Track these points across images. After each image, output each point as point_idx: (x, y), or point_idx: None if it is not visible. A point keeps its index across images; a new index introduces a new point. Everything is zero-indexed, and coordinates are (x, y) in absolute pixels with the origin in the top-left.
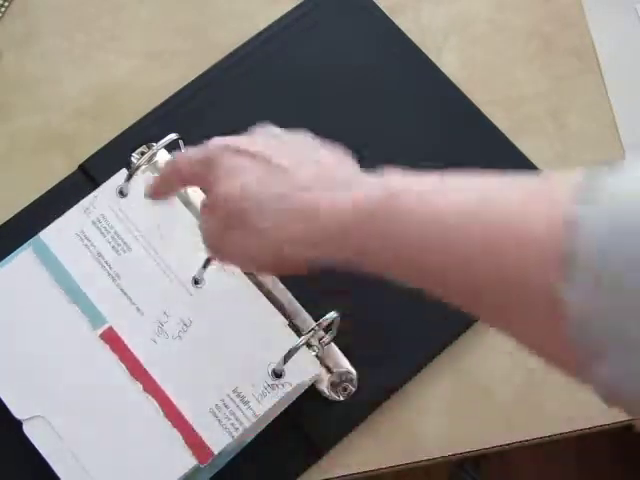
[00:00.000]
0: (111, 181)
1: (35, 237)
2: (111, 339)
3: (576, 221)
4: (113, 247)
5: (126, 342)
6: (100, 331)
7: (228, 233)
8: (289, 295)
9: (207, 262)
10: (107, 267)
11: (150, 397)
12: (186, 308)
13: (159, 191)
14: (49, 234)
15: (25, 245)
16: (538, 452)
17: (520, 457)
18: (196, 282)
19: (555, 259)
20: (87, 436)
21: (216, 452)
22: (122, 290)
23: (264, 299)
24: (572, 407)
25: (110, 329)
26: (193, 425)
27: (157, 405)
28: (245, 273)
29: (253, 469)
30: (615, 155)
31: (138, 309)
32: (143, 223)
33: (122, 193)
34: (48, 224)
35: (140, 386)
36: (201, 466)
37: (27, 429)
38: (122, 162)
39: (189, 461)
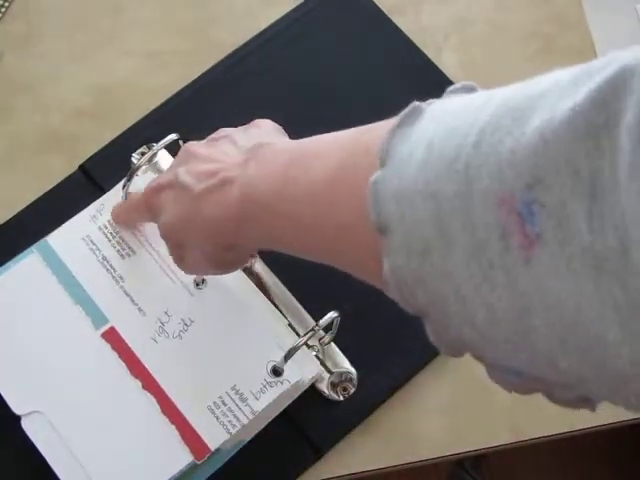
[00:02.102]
0: (118, 187)
1: (42, 240)
2: (112, 338)
3: (375, 190)
4: (118, 251)
5: (127, 341)
6: (102, 331)
7: (180, 255)
8: (289, 295)
9: None
10: (112, 270)
11: (149, 394)
12: (187, 308)
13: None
14: (56, 238)
15: (32, 248)
16: (538, 452)
17: (520, 457)
18: (197, 283)
19: (371, 232)
20: (85, 432)
21: (213, 449)
22: (125, 291)
23: (264, 299)
24: None
25: (112, 329)
26: (190, 422)
27: (155, 402)
28: (245, 273)
29: (253, 469)
30: None
31: (140, 309)
32: (148, 227)
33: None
34: (48, 224)
35: (139, 384)
36: (197, 462)
37: (25, 424)
38: (122, 162)
39: (185, 457)
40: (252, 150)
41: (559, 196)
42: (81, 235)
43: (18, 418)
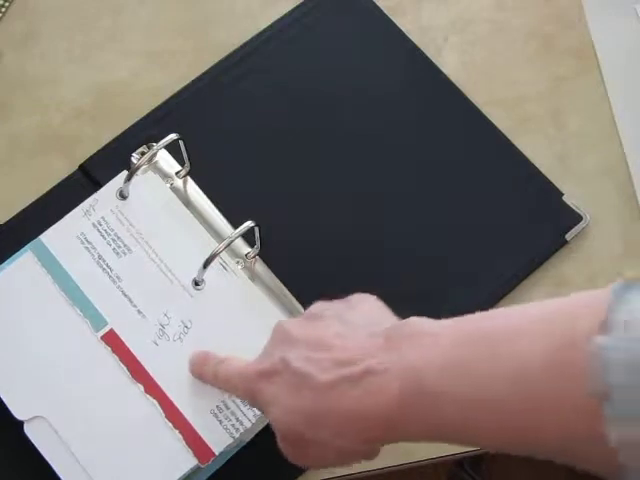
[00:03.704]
0: (112, 183)
1: (36, 240)
2: (112, 341)
3: (600, 355)
4: (114, 249)
5: (127, 344)
6: (101, 333)
7: (300, 451)
8: (289, 295)
9: (207, 262)
10: (108, 269)
11: (151, 398)
12: (187, 310)
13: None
14: (50, 237)
15: (26, 248)
16: None
17: (520, 457)
18: (196, 284)
19: (593, 401)
20: (88, 437)
21: (217, 453)
22: (123, 292)
23: (265, 299)
24: None
25: (111, 331)
26: (194, 426)
27: (158, 406)
28: (245, 273)
29: (252, 469)
30: (615, 155)
31: (139, 311)
32: (144, 225)
33: (122, 195)
34: (48, 225)
35: (141, 387)
36: (201, 466)
37: (28, 430)
38: (122, 162)
39: (190, 461)
40: (393, 332)
41: None
42: (75, 233)
43: (21, 424)
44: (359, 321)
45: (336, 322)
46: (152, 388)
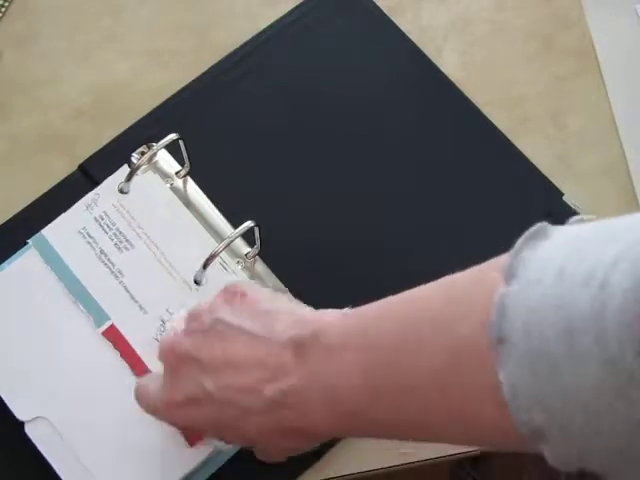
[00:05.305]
0: (113, 178)
1: (38, 234)
2: (114, 337)
3: (502, 303)
4: (115, 244)
5: (128, 339)
6: (103, 329)
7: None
8: (289, 295)
9: (207, 262)
10: (110, 264)
11: None
12: (188, 306)
13: None
14: (51, 231)
15: (29, 244)
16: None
17: (521, 456)
18: (196, 283)
19: (489, 345)
20: (89, 436)
21: (213, 447)
22: (125, 287)
23: None
24: None
25: (113, 327)
26: None
27: None
28: (245, 272)
29: (253, 469)
30: (615, 155)
31: (141, 307)
32: (145, 220)
33: (123, 191)
34: (48, 224)
35: None
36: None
37: (29, 430)
38: (122, 162)
39: (192, 459)
40: (301, 345)
41: None
42: (77, 228)
43: (21, 424)
44: (257, 324)
45: (238, 333)
46: None
